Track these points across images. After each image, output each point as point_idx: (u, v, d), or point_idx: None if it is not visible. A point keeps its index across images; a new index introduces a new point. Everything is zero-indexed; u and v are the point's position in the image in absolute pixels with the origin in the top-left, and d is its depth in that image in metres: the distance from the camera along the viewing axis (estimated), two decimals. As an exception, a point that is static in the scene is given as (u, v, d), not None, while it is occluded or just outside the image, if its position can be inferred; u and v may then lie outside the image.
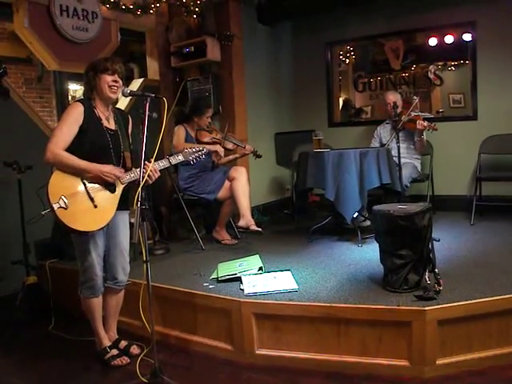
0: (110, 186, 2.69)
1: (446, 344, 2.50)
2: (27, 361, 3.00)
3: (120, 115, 2.90)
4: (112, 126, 2.80)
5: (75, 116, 2.63)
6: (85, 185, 2.62)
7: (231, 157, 4.64)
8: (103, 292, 2.87)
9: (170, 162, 2.88)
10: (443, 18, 5.32)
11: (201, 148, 3.07)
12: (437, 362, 2.48)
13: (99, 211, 2.64)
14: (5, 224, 3.87)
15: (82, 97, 2.83)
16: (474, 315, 2.50)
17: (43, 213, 2.63)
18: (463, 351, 2.52)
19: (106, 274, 2.88)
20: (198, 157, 3.03)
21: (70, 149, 2.60)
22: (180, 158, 2.95)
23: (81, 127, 2.63)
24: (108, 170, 2.64)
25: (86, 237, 2.67)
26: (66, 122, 2.63)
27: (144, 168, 2.56)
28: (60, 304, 3.61)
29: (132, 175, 2.73)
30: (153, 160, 2.66)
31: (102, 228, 2.68)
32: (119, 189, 2.72)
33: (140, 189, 2.48)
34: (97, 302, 2.84)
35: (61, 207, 2.52)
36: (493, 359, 2.52)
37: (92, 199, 2.62)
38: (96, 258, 2.74)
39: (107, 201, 2.68)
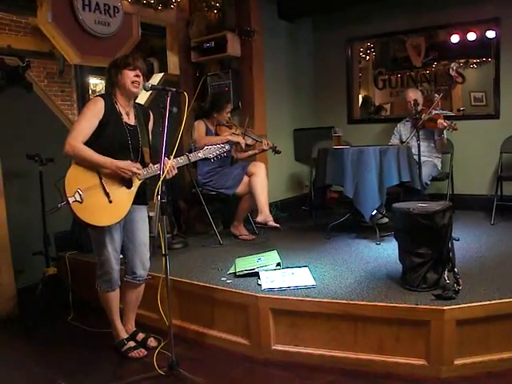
0: (127, 182, 2.70)
1: (465, 344, 2.48)
2: (47, 350, 3.05)
3: (140, 110, 2.91)
4: (132, 121, 2.81)
5: (95, 111, 2.65)
6: (101, 179, 2.64)
7: (250, 152, 4.63)
8: (122, 285, 2.90)
9: (189, 160, 2.86)
10: (466, 14, 5.24)
11: (222, 145, 3.01)
12: (454, 363, 2.47)
13: (114, 206, 2.65)
14: (26, 216, 3.92)
15: (104, 91, 2.85)
16: (494, 316, 2.48)
17: (59, 205, 2.66)
18: (482, 352, 2.50)
19: (126, 267, 2.91)
20: (219, 155, 2.97)
21: (89, 143, 2.61)
22: (200, 155, 2.92)
23: (101, 121, 2.65)
24: (125, 165, 2.64)
25: (102, 230, 2.69)
26: (85, 116, 2.65)
27: (163, 164, 2.56)
28: (79, 295, 3.65)
29: (149, 171, 2.74)
30: (172, 157, 2.66)
31: (117, 223, 2.70)
32: (136, 184, 2.72)
33: (160, 183, 2.48)
34: (114, 296, 2.87)
35: (76, 201, 2.55)
36: (512, 361, 2.49)
37: (108, 194, 2.64)
38: (112, 251, 2.75)
39: (123, 196, 2.69)
